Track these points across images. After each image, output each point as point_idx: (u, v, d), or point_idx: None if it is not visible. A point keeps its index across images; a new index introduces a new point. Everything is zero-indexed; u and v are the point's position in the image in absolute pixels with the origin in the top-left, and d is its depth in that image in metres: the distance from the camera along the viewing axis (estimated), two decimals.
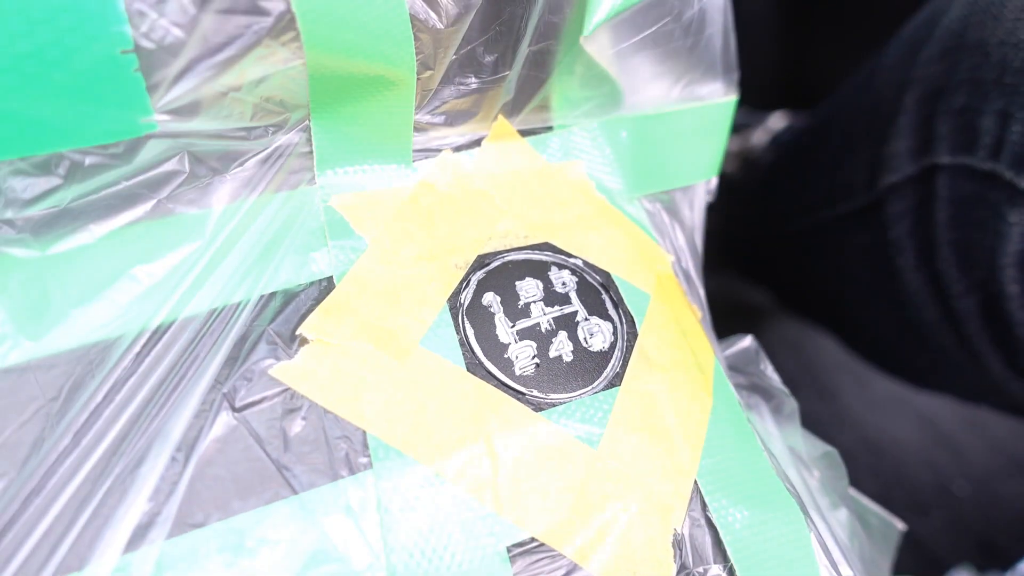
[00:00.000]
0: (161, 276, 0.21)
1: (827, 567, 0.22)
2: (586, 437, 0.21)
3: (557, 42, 0.26)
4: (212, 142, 0.21)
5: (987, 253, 0.32)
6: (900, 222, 0.37)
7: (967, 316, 0.35)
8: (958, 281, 0.34)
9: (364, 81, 0.22)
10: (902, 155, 0.36)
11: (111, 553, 0.17)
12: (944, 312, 0.36)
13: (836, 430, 0.61)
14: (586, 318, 0.24)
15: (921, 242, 0.36)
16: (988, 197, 0.32)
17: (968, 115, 0.32)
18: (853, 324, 0.47)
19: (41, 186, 0.20)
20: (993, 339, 0.35)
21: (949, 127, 0.33)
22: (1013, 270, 0.31)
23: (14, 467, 0.18)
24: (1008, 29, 0.30)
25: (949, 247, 0.34)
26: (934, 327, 0.37)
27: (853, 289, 0.43)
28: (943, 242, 0.34)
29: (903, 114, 0.35)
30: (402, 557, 0.18)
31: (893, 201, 0.37)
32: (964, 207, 0.33)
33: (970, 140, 0.32)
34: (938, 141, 0.34)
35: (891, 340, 0.43)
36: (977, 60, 0.31)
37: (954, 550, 0.55)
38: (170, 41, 0.19)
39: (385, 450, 0.20)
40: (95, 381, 0.19)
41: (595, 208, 0.27)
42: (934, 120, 0.34)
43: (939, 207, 0.34)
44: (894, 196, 0.37)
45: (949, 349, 0.38)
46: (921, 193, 0.35)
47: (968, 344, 0.36)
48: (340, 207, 0.23)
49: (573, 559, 0.19)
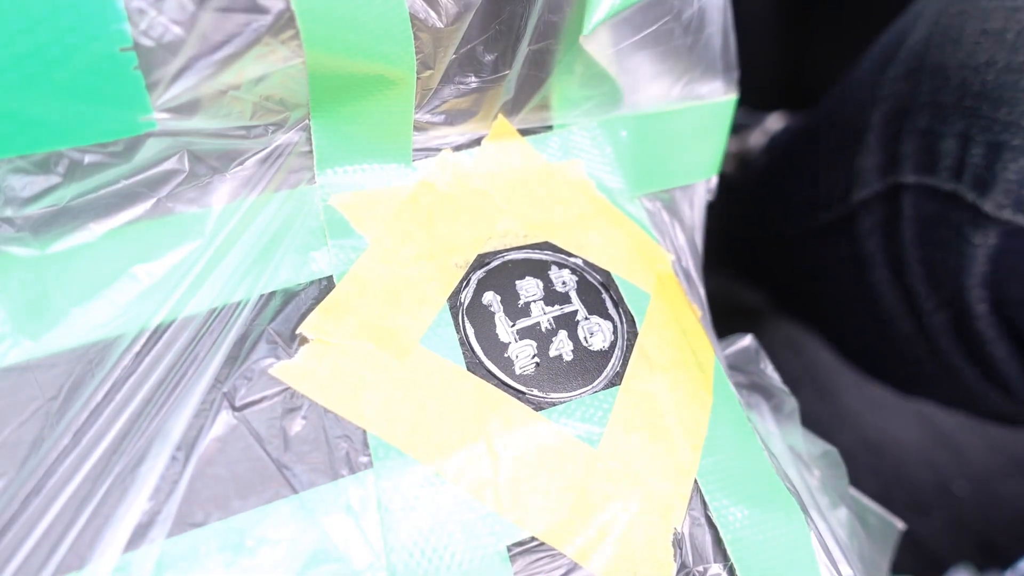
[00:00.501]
0: (161, 275, 0.21)
1: (827, 566, 0.22)
2: (586, 436, 0.21)
3: (557, 41, 0.26)
4: (212, 141, 0.21)
5: (953, 273, 0.32)
6: (871, 237, 0.37)
7: (939, 332, 0.35)
8: (928, 298, 0.35)
9: (364, 80, 0.22)
10: (871, 171, 0.36)
11: (111, 552, 0.17)
12: (918, 327, 0.37)
13: (836, 429, 0.61)
14: (586, 317, 0.24)
15: (891, 258, 0.36)
16: (951, 218, 0.32)
17: (930, 137, 0.32)
18: (839, 331, 0.48)
19: (40, 184, 0.19)
20: (966, 354, 0.35)
21: (913, 147, 0.33)
22: (980, 290, 0.32)
23: (14, 466, 0.18)
24: (968, 52, 0.30)
25: (918, 264, 0.34)
26: (910, 340, 0.38)
27: (836, 298, 0.44)
28: (912, 260, 0.35)
29: (870, 131, 0.36)
30: (402, 556, 0.18)
31: (864, 216, 0.37)
32: (929, 226, 0.33)
33: (932, 161, 0.32)
34: (903, 160, 0.34)
35: (874, 349, 0.43)
36: (938, 83, 0.31)
37: (954, 550, 0.55)
38: (169, 39, 0.19)
39: (385, 449, 0.20)
40: (95, 380, 0.19)
41: (595, 207, 0.27)
42: (899, 139, 0.34)
43: (906, 225, 0.34)
44: (864, 211, 0.37)
45: (925, 361, 0.38)
46: (888, 210, 0.35)
47: (942, 357, 0.36)
48: (340, 206, 0.23)
49: (573, 558, 0.19)
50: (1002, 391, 0.35)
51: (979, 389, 0.37)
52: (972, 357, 0.35)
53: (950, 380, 0.38)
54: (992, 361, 0.34)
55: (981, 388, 0.36)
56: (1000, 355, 0.33)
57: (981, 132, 0.30)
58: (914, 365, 0.40)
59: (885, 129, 0.35)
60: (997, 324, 0.32)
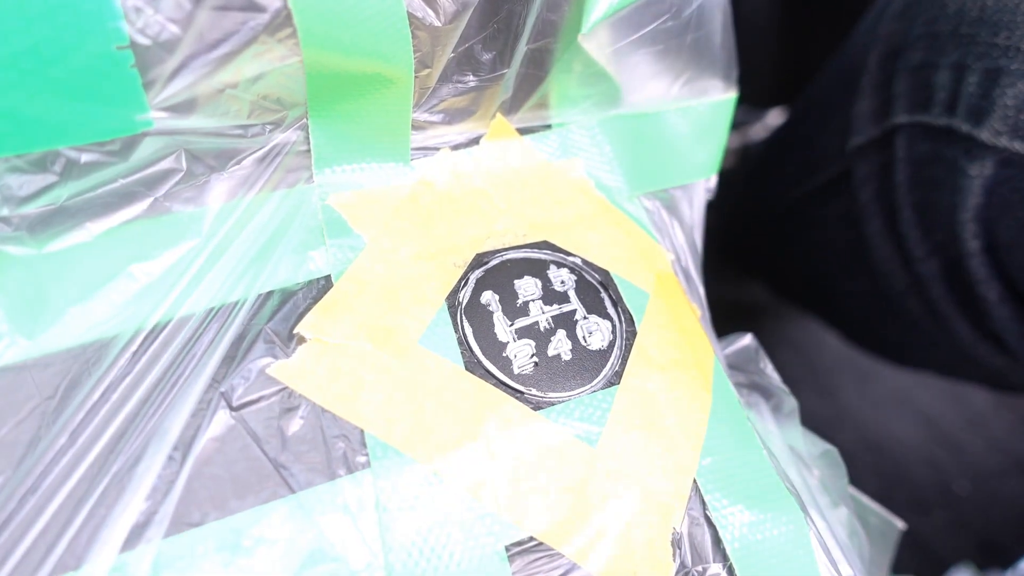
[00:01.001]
0: (158, 274, 0.21)
1: (826, 566, 0.21)
2: (585, 436, 0.21)
3: (555, 40, 0.26)
4: (209, 140, 0.21)
5: (946, 213, 0.32)
6: (865, 186, 0.37)
7: (931, 280, 0.35)
8: (920, 244, 0.34)
9: (361, 79, 0.22)
10: (866, 116, 0.36)
11: (108, 552, 0.17)
12: (910, 280, 0.36)
13: (836, 429, 0.61)
14: (585, 316, 0.24)
15: (885, 206, 0.36)
16: (944, 155, 0.32)
17: (924, 72, 0.32)
18: (835, 302, 0.47)
19: (37, 183, 0.19)
20: (957, 302, 0.35)
21: (906, 85, 0.33)
22: (973, 225, 0.31)
23: (10, 466, 0.18)
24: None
25: (910, 209, 0.34)
26: (903, 296, 0.38)
27: (831, 263, 0.43)
28: (904, 204, 0.34)
29: (866, 74, 0.36)
30: (400, 556, 0.18)
31: (859, 165, 0.37)
32: (922, 166, 0.33)
33: (926, 97, 0.32)
34: (896, 100, 0.34)
35: (868, 315, 0.43)
36: (934, 13, 0.31)
37: (955, 549, 0.55)
38: (166, 37, 0.19)
39: (383, 449, 0.19)
40: (92, 380, 0.19)
41: (594, 206, 0.27)
42: (893, 79, 0.34)
43: (899, 168, 0.34)
44: (860, 160, 0.37)
45: (919, 319, 0.38)
46: (883, 156, 0.35)
47: (935, 311, 0.36)
48: (338, 206, 0.23)
49: (572, 558, 0.19)
50: (994, 345, 0.35)
51: (972, 345, 0.36)
52: (964, 307, 0.35)
53: (944, 338, 0.38)
54: (984, 306, 0.33)
55: (973, 343, 0.36)
56: (992, 298, 0.33)
57: (978, 59, 0.29)
58: (907, 326, 0.39)
59: (879, 71, 0.35)
60: (989, 264, 0.32)
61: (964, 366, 0.40)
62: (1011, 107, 0.28)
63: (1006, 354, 0.36)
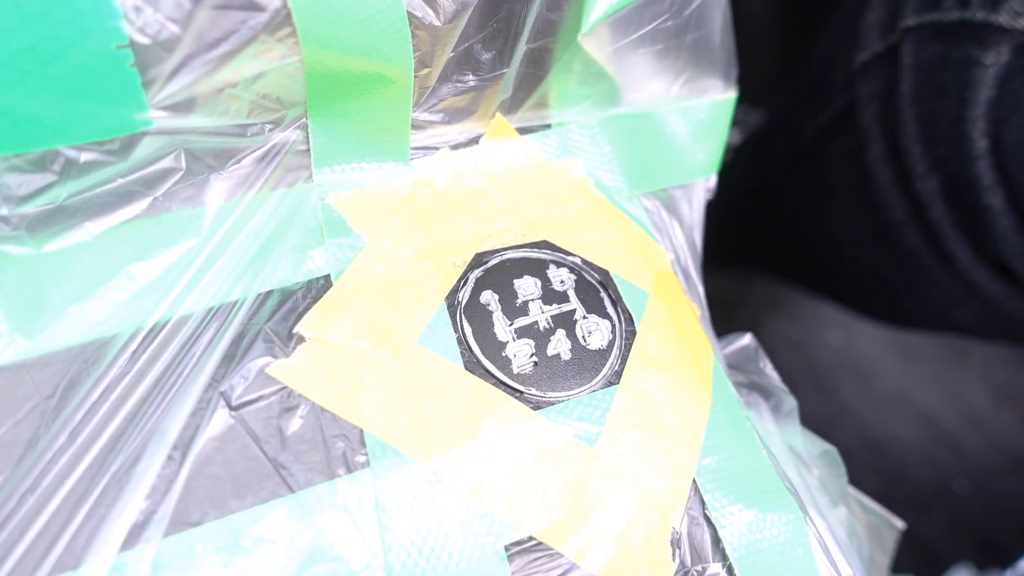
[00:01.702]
0: (157, 274, 0.21)
1: (826, 565, 0.21)
2: (584, 436, 0.21)
3: (555, 39, 0.26)
4: (208, 139, 0.21)
5: (951, 121, 0.32)
6: (869, 108, 0.36)
7: (931, 199, 0.35)
8: (922, 159, 0.34)
9: (361, 78, 0.22)
10: (873, 27, 0.35)
11: (107, 551, 0.17)
12: (909, 206, 0.36)
13: (836, 428, 0.61)
14: (584, 316, 0.24)
15: (888, 126, 0.35)
16: (953, 56, 0.31)
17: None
18: (833, 259, 0.47)
19: (36, 183, 0.19)
20: (957, 222, 0.34)
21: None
22: (983, 122, 0.31)
23: (9, 465, 0.18)
24: None
25: (913, 122, 0.34)
26: (901, 228, 0.37)
27: (831, 212, 0.43)
28: (907, 117, 0.34)
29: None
30: (400, 556, 0.18)
31: (863, 85, 0.36)
32: (928, 73, 0.33)
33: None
34: (906, 4, 0.33)
35: (866, 263, 0.43)
36: None
37: (954, 548, 0.55)
38: (165, 36, 0.19)
39: (383, 449, 0.19)
40: (91, 379, 0.19)
41: (594, 206, 0.27)
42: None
43: (904, 78, 0.34)
44: (864, 79, 0.36)
45: (917, 252, 0.38)
46: (888, 71, 0.35)
47: (934, 235, 0.36)
48: (337, 205, 0.23)
49: (571, 558, 0.19)
50: (993, 269, 0.35)
51: (971, 270, 0.36)
52: (964, 226, 0.34)
53: (941, 271, 0.37)
54: (986, 219, 0.33)
55: (972, 268, 0.36)
56: (996, 206, 0.32)
57: None
58: (905, 265, 0.39)
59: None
60: (994, 168, 0.31)
61: (961, 306, 0.39)
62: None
63: (1004, 280, 0.35)
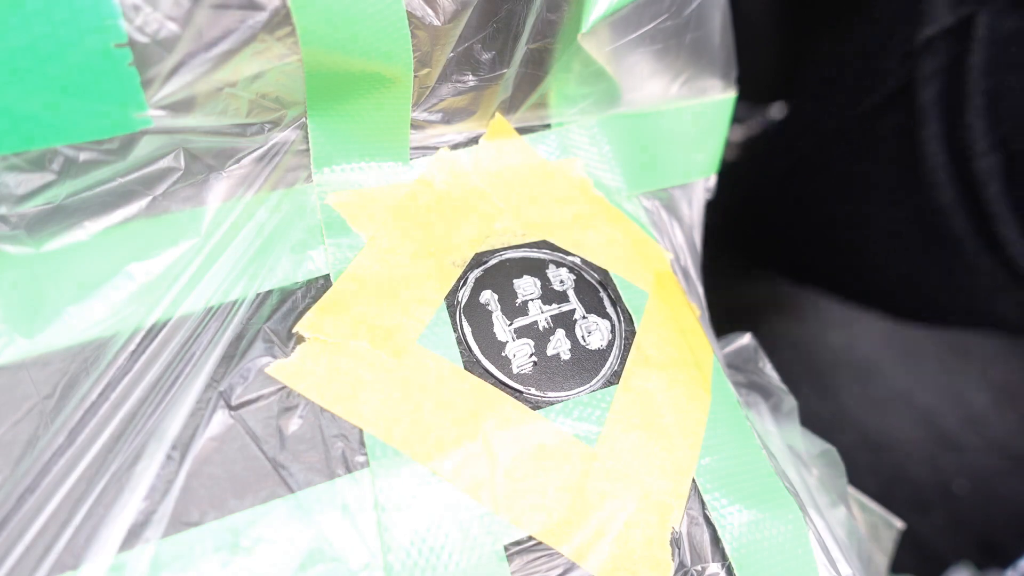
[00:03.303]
0: (156, 274, 0.21)
1: (826, 565, 0.21)
2: (584, 435, 0.21)
3: (555, 39, 0.26)
4: (208, 139, 0.21)
5: (1020, 96, 0.31)
6: (929, 85, 0.36)
7: (988, 178, 0.34)
8: (984, 136, 0.33)
9: (361, 78, 0.22)
10: (942, 2, 0.34)
11: (106, 552, 0.17)
12: (962, 188, 0.35)
13: (836, 429, 0.61)
14: (584, 316, 0.24)
15: (950, 100, 0.35)
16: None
17: None
18: (858, 247, 0.45)
19: (35, 182, 0.19)
20: (1011, 203, 0.34)
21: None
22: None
23: (8, 465, 0.18)
24: None
25: (980, 96, 0.33)
26: (948, 212, 0.36)
27: (866, 195, 0.42)
28: (975, 92, 0.33)
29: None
30: (399, 556, 0.18)
31: (926, 61, 0.35)
32: (1002, 45, 0.32)
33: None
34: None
35: (901, 251, 0.41)
36: None
37: (954, 548, 0.55)
38: (164, 35, 0.19)
39: (382, 448, 0.19)
40: (90, 379, 0.19)
41: (593, 206, 0.27)
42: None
43: (975, 50, 0.33)
44: (927, 55, 0.35)
45: (964, 238, 0.37)
46: (956, 46, 0.34)
47: (985, 219, 0.35)
48: (337, 205, 0.23)
49: (571, 558, 0.19)
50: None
51: (1017, 254, 0.35)
52: (1016, 204, 0.34)
53: (985, 258, 0.36)
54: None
55: (1019, 251, 0.35)
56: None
57: None
58: (945, 252, 0.38)
59: None
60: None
61: (1004, 294, 0.38)
62: None
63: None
